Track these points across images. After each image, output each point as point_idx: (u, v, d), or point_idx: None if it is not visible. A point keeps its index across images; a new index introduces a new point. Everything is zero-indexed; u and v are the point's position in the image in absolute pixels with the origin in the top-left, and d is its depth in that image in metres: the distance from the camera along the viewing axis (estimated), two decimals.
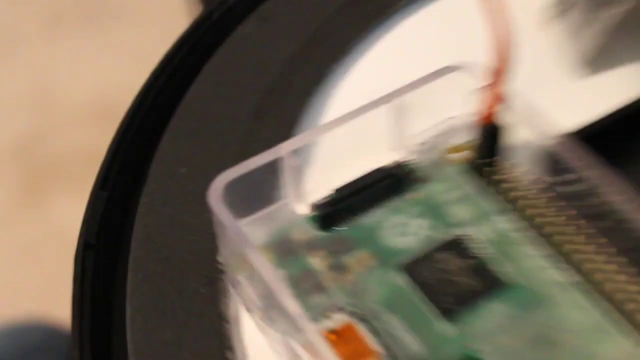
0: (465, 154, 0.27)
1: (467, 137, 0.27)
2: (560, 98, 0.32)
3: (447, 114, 0.28)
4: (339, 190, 0.26)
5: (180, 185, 0.29)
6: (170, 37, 0.34)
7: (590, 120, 0.28)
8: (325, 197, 0.26)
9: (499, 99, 0.25)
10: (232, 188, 0.24)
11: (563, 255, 0.24)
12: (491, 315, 0.23)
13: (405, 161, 0.27)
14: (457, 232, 0.25)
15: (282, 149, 0.25)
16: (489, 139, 0.26)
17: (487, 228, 0.25)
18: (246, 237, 0.23)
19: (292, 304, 0.21)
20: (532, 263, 0.24)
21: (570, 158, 0.25)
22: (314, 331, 0.21)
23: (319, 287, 0.24)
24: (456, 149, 0.28)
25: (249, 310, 0.25)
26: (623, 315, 0.23)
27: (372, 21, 0.34)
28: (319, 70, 0.33)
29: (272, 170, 0.25)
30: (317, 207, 0.25)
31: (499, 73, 0.24)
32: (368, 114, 0.26)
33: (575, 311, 0.23)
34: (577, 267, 0.24)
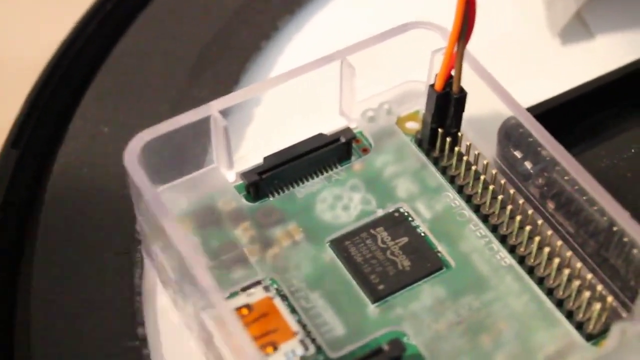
0: (415, 124, 0.30)
1: (420, 104, 0.30)
2: (528, 69, 0.35)
3: (402, 77, 0.31)
4: (270, 158, 0.28)
5: (102, 146, 0.32)
6: None
7: (550, 95, 0.31)
8: (257, 165, 0.28)
9: (457, 65, 0.27)
10: (154, 150, 0.26)
11: (503, 236, 0.27)
12: (421, 297, 0.26)
13: (350, 128, 0.29)
14: (394, 208, 0.28)
15: (212, 107, 0.27)
16: (443, 108, 0.28)
17: (426, 205, 0.28)
18: (162, 204, 0.25)
19: (204, 277, 0.24)
20: (470, 245, 0.27)
21: (523, 135, 0.28)
22: (225, 306, 0.24)
23: (240, 260, 0.27)
24: (408, 118, 0.31)
25: (163, 283, 0.28)
26: (560, 301, 0.26)
27: None
28: (269, 23, 0.36)
29: (201, 131, 0.28)
30: (246, 175, 0.28)
31: (461, 36, 0.26)
32: (315, 72, 0.28)
33: (512, 297, 0.26)
34: (517, 250, 0.27)
